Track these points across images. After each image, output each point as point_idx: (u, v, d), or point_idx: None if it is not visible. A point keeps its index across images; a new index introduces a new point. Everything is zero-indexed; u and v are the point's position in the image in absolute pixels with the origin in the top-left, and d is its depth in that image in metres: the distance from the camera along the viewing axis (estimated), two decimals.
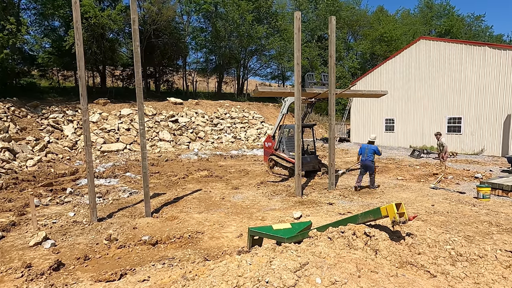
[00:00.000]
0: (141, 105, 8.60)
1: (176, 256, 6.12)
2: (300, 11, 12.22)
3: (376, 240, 4.25)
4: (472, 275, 3.80)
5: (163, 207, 9.45)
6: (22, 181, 12.89)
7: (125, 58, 34.27)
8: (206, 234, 7.27)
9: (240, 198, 10.49)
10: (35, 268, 5.68)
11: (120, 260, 6.12)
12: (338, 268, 3.58)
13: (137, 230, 7.55)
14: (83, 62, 8.15)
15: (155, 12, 29.74)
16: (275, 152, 14.62)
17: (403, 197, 10.20)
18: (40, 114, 20.97)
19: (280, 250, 4.20)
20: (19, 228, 7.74)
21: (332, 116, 11.29)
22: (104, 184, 12.76)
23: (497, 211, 8.38)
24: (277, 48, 39.01)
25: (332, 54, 11.08)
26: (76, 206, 9.62)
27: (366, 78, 27.73)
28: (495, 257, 4.05)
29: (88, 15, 24.37)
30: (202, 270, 3.97)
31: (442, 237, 4.43)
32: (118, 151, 20.60)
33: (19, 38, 21.92)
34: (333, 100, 11.26)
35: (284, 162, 14.02)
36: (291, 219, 8.05)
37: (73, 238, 7.10)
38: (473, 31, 55.90)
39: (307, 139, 14.72)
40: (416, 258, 4.07)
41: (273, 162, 14.69)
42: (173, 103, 29.31)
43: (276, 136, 15.06)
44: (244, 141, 27.35)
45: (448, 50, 21.93)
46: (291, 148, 13.72)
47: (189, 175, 14.37)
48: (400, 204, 4.14)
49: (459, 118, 21.61)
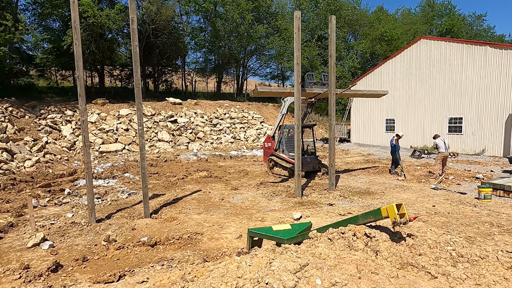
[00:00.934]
0: (140, 105, 8.60)
1: (175, 257, 6.11)
2: (300, 11, 12.23)
3: (377, 241, 4.25)
4: (473, 276, 3.80)
5: (162, 208, 9.44)
6: (20, 181, 12.88)
7: (123, 58, 34.24)
8: (205, 235, 7.27)
9: (239, 199, 10.49)
10: (33, 269, 5.68)
11: (119, 262, 6.12)
12: (338, 269, 3.58)
13: (136, 231, 7.55)
14: (82, 62, 8.15)
15: (154, 11, 29.73)
16: (274, 153, 14.63)
17: (404, 197, 10.21)
18: (38, 115, 20.96)
19: (280, 251, 4.19)
20: (17, 229, 7.74)
21: (332, 116, 11.29)
22: (103, 185, 12.75)
23: (498, 212, 8.38)
24: (277, 47, 39.01)
25: (332, 53, 11.08)
26: (74, 207, 9.62)
27: (367, 78, 27.75)
28: (497, 258, 4.05)
29: (86, 14, 24.35)
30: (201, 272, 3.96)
31: (443, 238, 4.43)
32: (116, 152, 20.60)
33: (16, 36, 21.90)
34: (333, 100, 11.26)
35: (284, 163, 14.03)
36: (291, 220, 8.05)
37: (71, 239, 7.09)
38: (474, 30, 55.99)
39: (307, 140, 14.73)
40: (417, 259, 4.07)
41: (273, 162, 14.71)
42: (172, 103, 29.31)
43: (276, 137, 15.08)
44: (244, 142, 27.35)
45: (449, 49, 21.94)
46: (291, 148, 13.75)
47: (188, 176, 14.37)
48: (401, 204, 4.14)
49: (460, 118, 21.62)
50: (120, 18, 26.75)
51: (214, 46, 38.17)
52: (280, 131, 14.73)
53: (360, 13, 47.62)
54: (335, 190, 11.34)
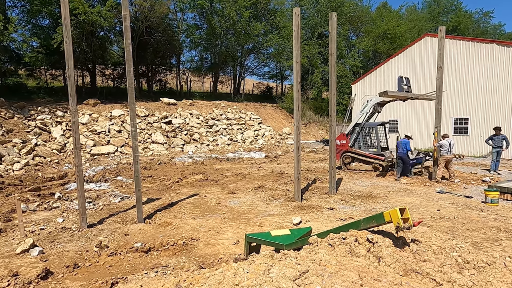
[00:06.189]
0: (133, 105, 8.60)
1: (169, 264, 6.11)
2: (299, 7, 12.24)
3: (379, 246, 4.26)
4: (480, 283, 3.81)
5: (156, 213, 9.43)
6: (9, 185, 12.85)
7: (116, 57, 34.23)
8: (201, 240, 7.26)
9: (236, 203, 10.49)
10: (22, 276, 5.66)
11: (111, 268, 6.11)
12: (339, 276, 3.59)
13: (129, 236, 7.54)
14: (72, 61, 8.14)
15: (147, 8, 29.77)
16: (351, 149, 16.12)
17: (408, 201, 10.23)
18: (27, 116, 20.93)
19: (278, 258, 4.20)
20: (5, 235, 7.71)
21: (333, 117, 11.30)
22: (94, 188, 12.74)
23: (506, 216, 8.40)
24: (276, 46, 39.12)
25: (333, 52, 11.10)
26: (65, 211, 9.60)
27: (369, 77, 27.81)
28: (504, 264, 4.06)
29: (77, 11, 24.33)
30: (197, 279, 3.96)
31: (448, 243, 4.44)
32: (109, 154, 20.57)
33: (6, 36, 21.88)
34: (334, 101, 11.28)
35: (367, 159, 15.68)
36: (290, 225, 8.05)
37: (62, 245, 7.08)
38: (481, 28, 56.19)
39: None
40: (421, 265, 4.08)
41: (350, 158, 16.29)
42: (166, 104, 29.31)
43: (354, 134, 16.45)
44: (241, 143, 27.37)
45: (455, 47, 22.02)
46: (370, 145, 16.08)
47: (183, 179, 14.36)
48: (405, 209, 4.15)
49: (466, 119, 21.70)
50: (112, 15, 26.72)
51: (210, 44, 38.22)
52: (358, 128, 16.23)
53: (362, 9, 47.77)
54: (336, 193, 11.35)
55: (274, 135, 30.63)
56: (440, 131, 13.35)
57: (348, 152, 16.21)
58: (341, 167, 16.38)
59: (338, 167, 16.13)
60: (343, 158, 16.45)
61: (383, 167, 15.05)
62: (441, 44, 13.09)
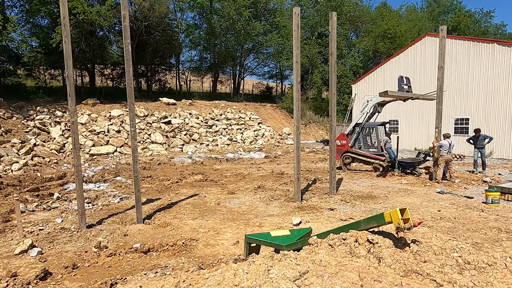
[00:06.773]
0: (132, 105, 8.60)
1: (169, 265, 6.11)
2: (299, 7, 12.27)
3: (380, 247, 4.26)
4: (480, 284, 3.81)
5: (156, 213, 9.43)
6: (7, 185, 12.84)
7: (115, 57, 34.18)
8: (200, 241, 7.26)
9: (236, 203, 10.49)
10: (21, 277, 5.66)
11: (110, 269, 6.11)
12: (339, 277, 3.59)
13: (128, 237, 7.54)
14: (71, 61, 8.14)
15: (146, 8, 29.76)
16: (351, 149, 16.07)
17: (408, 202, 10.23)
18: (26, 116, 20.92)
19: (278, 258, 4.20)
20: (4, 236, 7.71)
21: (333, 117, 11.30)
22: (93, 189, 12.73)
23: (506, 217, 8.41)
24: (275, 45, 39.10)
25: (333, 51, 11.11)
26: (64, 212, 9.60)
27: (369, 77, 27.82)
28: (505, 265, 4.06)
29: (76, 11, 24.31)
30: (196, 279, 3.96)
31: (449, 244, 4.45)
32: (108, 154, 20.57)
33: (4, 35, 21.87)
34: (334, 101, 11.27)
35: (367, 159, 15.63)
36: (290, 226, 8.05)
37: (60, 246, 7.07)
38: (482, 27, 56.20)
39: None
40: (421, 266, 4.08)
41: (351, 158, 16.24)
42: (165, 104, 29.30)
43: (354, 134, 16.46)
44: (241, 144, 27.37)
45: (455, 47, 22.02)
46: (370, 145, 16.22)
47: (182, 179, 14.36)
48: (405, 209, 4.15)
49: (466, 119, 21.70)
50: (112, 15, 26.71)
51: (210, 43, 38.19)
52: (358, 129, 16.24)
53: (362, 9, 47.79)
54: (336, 194, 11.34)
55: (274, 135, 30.63)
56: (440, 131, 13.34)
57: (348, 152, 16.20)
58: (341, 167, 16.35)
59: (338, 167, 16.15)
60: (343, 158, 16.46)
61: (383, 167, 15.05)
62: (442, 43, 13.10)
